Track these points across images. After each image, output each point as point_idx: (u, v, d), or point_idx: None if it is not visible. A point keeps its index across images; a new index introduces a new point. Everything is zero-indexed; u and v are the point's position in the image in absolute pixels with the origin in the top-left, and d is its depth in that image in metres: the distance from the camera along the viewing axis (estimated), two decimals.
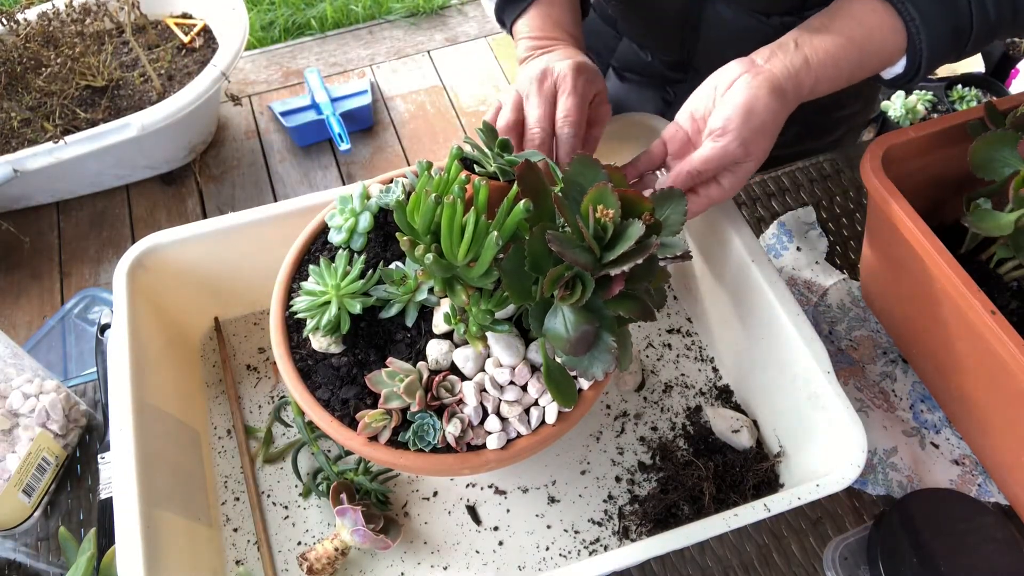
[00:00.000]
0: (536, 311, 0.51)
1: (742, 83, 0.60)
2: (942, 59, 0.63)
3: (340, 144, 2.20)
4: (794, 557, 0.69)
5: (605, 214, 0.47)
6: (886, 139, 0.68)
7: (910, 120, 1.91)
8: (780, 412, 0.70)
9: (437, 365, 0.57)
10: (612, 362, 0.51)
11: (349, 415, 0.56)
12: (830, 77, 0.62)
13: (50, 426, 0.71)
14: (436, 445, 0.55)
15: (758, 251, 0.68)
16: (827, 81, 0.63)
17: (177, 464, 0.66)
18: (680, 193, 0.54)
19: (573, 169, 0.51)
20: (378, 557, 0.67)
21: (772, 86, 0.60)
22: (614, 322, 0.51)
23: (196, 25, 2.16)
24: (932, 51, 0.62)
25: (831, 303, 0.83)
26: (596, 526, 0.69)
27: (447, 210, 0.50)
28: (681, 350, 0.80)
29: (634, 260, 0.47)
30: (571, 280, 0.49)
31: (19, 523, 0.69)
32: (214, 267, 0.74)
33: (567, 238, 0.49)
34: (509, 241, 0.51)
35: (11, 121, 1.78)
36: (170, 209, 2.11)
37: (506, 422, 0.56)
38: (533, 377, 0.57)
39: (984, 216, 0.64)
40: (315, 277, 0.59)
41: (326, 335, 0.58)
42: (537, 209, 0.51)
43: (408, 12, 2.63)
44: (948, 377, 0.73)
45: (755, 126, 0.59)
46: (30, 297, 1.93)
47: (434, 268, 0.53)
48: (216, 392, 0.77)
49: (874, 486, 0.72)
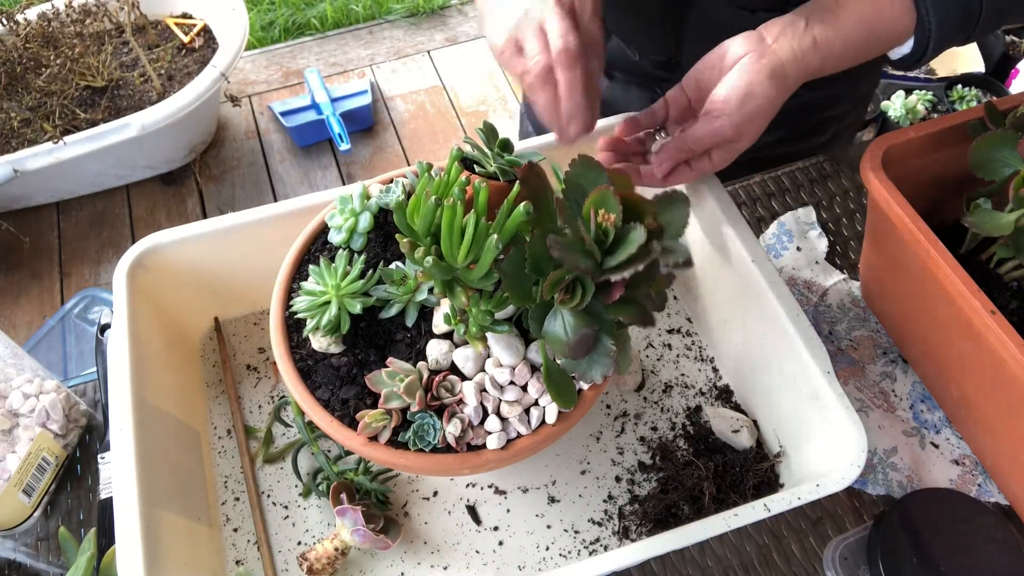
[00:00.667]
0: (536, 313, 0.51)
1: (745, 64, 0.61)
2: (950, 41, 0.63)
3: (340, 144, 2.20)
4: (794, 557, 0.69)
5: (606, 218, 0.47)
6: (886, 139, 0.68)
7: (910, 120, 1.91)
8: (780, 412, 0.70)
9: (437, 365, 0.57)
10: (611, 366, 0.51)
11: (349, 415, 0.56)
12: (836, 56, 0.63)
13: (50, 426, 0.71)
14: (436, 445, 0.55)
15: (758, 251, 0.68)
16: (833, 60, 0.63)
17: (177, 464, 0.66)
18: (684, 196, 0.54)
19: (574, 171, 0.51)
20: (378, 557, 0.67)
21: (773, 70, 0.60)
22: (613, 326, 0.51)
23: (196, 25, 2.16)
24: (941, 31, 0.62)
25: (831, 303, 0.83)
26: (596, 526, 0.69)
27: (447, 212, 0.50)
28: (681, 350, 0.80)
29: (635, 266, 0.47)
30: (571, 284, 0.49)
31: (19, 523, 0.69)
32: (214, 267, 0.74)
33: (568, 242, 0.48)
34: (509, 243, 0.51)
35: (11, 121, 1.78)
36: (170, 209, 2.12)
37: (506, 422, 0.56)
38: (533, 377, 0.57)
39: (984, 216, 0.64)
40: (315, 277, 0.59)
41: (326, 335, 0.58)
42: (538, 211, 0.51)
43: (408, 12, 2.63)
44: (948, 377, 0.73)
45: (750, 111, 0.60)
46: (30, 297, 1.93)
47: (434, 270, 0.53)
48: (216, 392, 0.77)
49: (874, 486, 0.72)
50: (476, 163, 0.63)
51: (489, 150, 0.62)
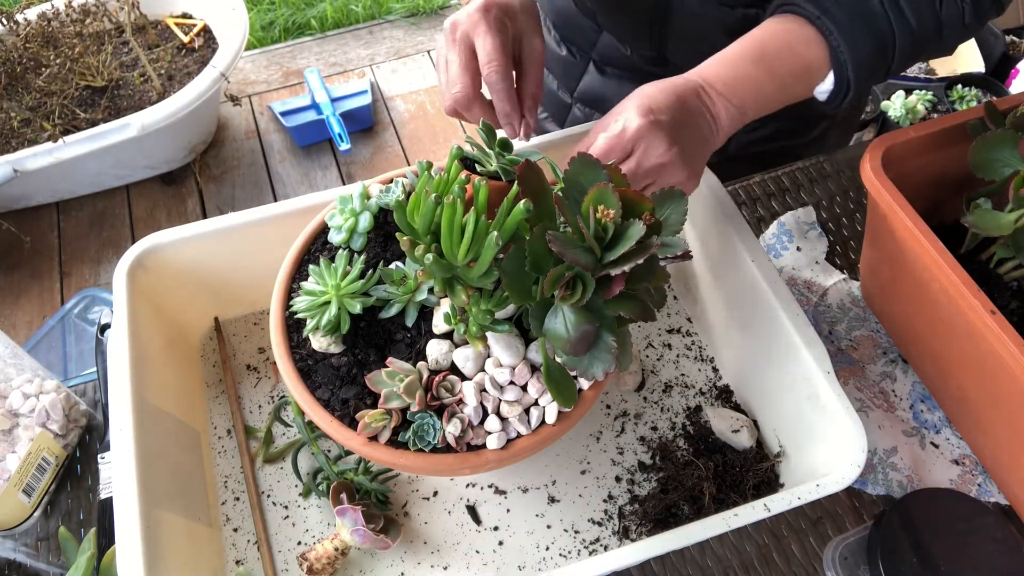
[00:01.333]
0: (536, 311, 0.51)
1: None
2: (870, 74, 0.64)
3: (340, 144, 2.20)
4: (794, 557, 0.69)
5: (606, 214, 0.47)
6: (886, 139, 0.68)
7: (910, 120, 1.91)
8: (780, 412, 0.70)
9: (437, 365, 0.57)
10: (612, 362, 0.51)
11: (349, 415, 0.56)
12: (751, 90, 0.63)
13: (50, 426, 0.71)
14: (436, 445, 0.55)
15: (758, 251, 0.68)
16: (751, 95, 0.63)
17: (177, 464, 0.66)
18: (680, 193, 0.54)
19: (573, 168, 0.51)
20: (378, 557, 0.67)
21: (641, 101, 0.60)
22: (614, 322, 0.51)
23: (196, 25, 2.16)
24: (857, 64, 0.63)
25: (831, 303, 0.83)
26: (596, 526, 0.69)
27: (447, 210, 0.50)
28: (681, 350, 0.80)
29: (635, 260, 0.47)
30: (571, 280, 0.49)
31: (19, 523, 0.69)
32: (214, 267, 0.74)
33: (568, 238, 0.49)
34: (509, 241, 0.51)
35: (11, 121, 1.78)
36: (170, 209, 2.11)
37: (506, 422, 0.56)
38: (533, 377, 0.57)
39: (984, 216, 0.64)
40: (315, 277, 0.59)
41: (326, 335, 0.58)
42: (537, 209, 0.51)
43: (408, 12, 2.63)
44: (948, 377, 0.73)
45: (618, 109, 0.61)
46: (30, 297, 1.93)
47: (434, 268, 0.53)
48: (216, 392, 0.77)
49: (874, 486, 0.72)
50: (477, 163, 0.63)
51: (490, 149, 0.62)
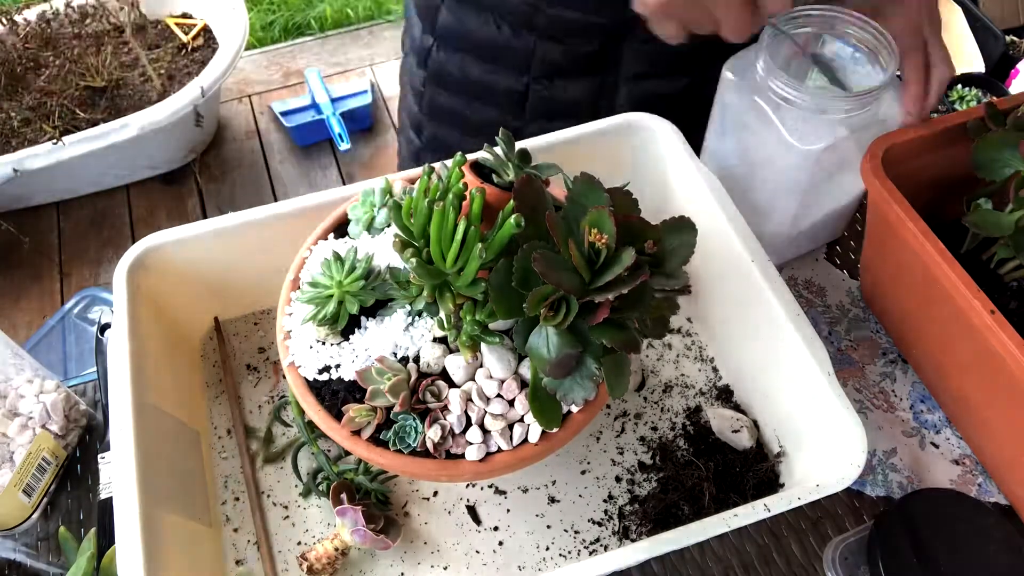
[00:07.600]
0: (522, 328, 0.51)
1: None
2: None
3: (340, 144, 2.20)
4: (794, 557, 0.69)
5: (599, 238, 0.47)
6: (886, 139, 0.68)
7: None
8: (780, 412, 0.70)
9: (428, 368, 0.57)
10: (593, 390, 0.50)
11: (337, 407, 0.57)
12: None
13: (50, 426, 0.71)
14: (415, 448, 0.55)
15: (758, 251, 0.68)
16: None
17: (177, 464, 0.66)
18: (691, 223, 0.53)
19: (576, 188, 0.51)
20: (378, 557, 0.67)
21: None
22: (599, 349, 0.50)
23: (196, 25, 2.16)
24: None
25: (831, 303, 0.83)
26: (596, 526, 0.69)
27: (436, 215, 0.50)
28: (681, 350, 0.80)
29: (620, 289, 0.46)
30: (556, 302, 0.48)
31: (19, 523, 0.69)
32: (214, 267, 0.74)
33: (555, 259, 0.47)
34: (502, 254, 0.51)
35: (11, 121, 1.78)
36: (170, 209, 2.12)
37: (488, 435, 0.56)
38: (521, 393, 0.56)
39: (984, 216, 0.64)
40: (323, 269, 0.59)
41: (322, 325, 0.58)
42: (533, 225, 0.50)
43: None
44: (948, 377, 0.73)
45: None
46: (30, 297, 1.93)
47: (420, 272, 0.52)
48: (216, 392, 0.77)
49: (873, 487, 0.72)
50: (494, 172, 0.62)
51: (508, 160, 0.61)
